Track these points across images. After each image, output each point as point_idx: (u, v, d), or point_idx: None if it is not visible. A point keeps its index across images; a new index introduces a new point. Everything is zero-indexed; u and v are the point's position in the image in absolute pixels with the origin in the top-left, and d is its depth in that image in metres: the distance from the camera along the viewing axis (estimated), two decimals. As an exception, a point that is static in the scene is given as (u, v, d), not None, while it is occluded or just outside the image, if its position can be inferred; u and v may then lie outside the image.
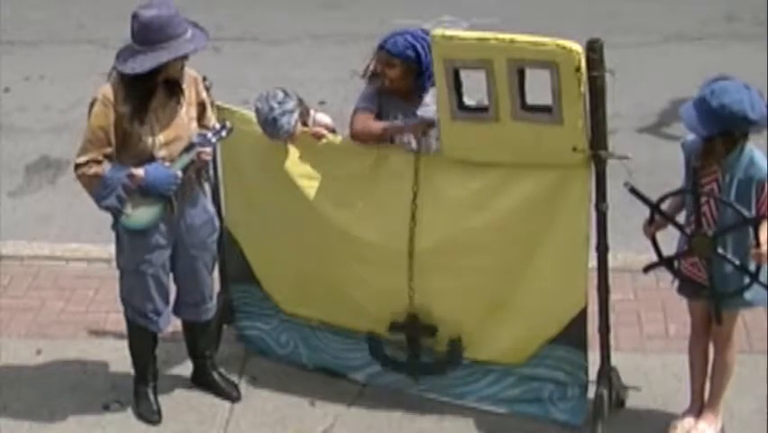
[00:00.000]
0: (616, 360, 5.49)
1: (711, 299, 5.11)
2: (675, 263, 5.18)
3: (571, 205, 5.20)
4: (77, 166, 5.30)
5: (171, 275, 5.63)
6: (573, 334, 5.36)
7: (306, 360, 6.04)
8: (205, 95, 5.55)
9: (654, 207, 5.10)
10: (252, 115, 5.60)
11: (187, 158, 5.38)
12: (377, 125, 5.52)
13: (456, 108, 5.21)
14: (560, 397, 5.53)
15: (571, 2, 11.34)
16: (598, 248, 5.27)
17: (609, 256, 5.31)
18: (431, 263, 5.48)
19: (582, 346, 5.39)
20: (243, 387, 5.92)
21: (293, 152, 5.65)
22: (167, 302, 5.67)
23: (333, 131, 5.74)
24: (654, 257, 5.19)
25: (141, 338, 5.73)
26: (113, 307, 6.13)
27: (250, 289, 6.10)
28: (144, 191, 5.32)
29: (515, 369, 5.58)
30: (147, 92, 5.25)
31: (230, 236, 6.04)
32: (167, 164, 5.33)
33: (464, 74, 5.18)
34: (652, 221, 5.16)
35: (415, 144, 5.53)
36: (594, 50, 4.92)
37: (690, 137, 5.07)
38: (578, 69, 4.90)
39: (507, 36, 5.00)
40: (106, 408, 5.83)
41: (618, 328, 5.93)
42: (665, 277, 5.49)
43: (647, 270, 5.26)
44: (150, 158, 5.31)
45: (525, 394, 5.60)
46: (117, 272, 5.62)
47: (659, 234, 5.18)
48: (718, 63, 8.36)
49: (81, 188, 5.39)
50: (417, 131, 5.48)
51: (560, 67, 4.91)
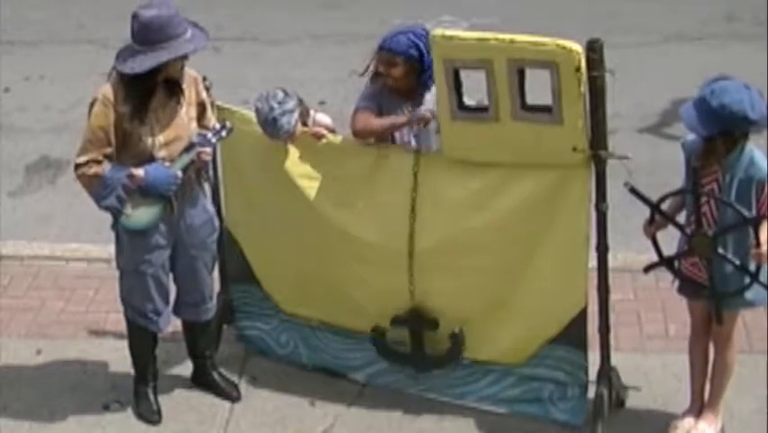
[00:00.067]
0: (616, 360, 5.49)
1: (712, 299, 5.11)
2: (675, 263, 5.18)
3: (571, 205, 5.20)
4: (76, 166, 5.30)
5: (171, 275, 5.63)
6: (573, 334, 5.36)
7: (306, 360, 6.04)
8: (205, 95, 5.55)
9: (655, 207, 5.10)
10: (252, 115, 5.60)
11: (187, 158, 5.38)
12: (378, 122, 5.52)
13: (456, 108, 5.21)
14: (560, 397, 5.53)
15: (571, 2, 11.33)
16: (598, 248, 5.27)
17: (609, 256, 5.31)
18: (431, 263, 5.47)
19: (582, 346, 5.39)
20: (243, 387, 5.92)
21: (293, 152, 5.65)
22: (167, 302, 5.66)
23: (333, 131, 5.74)
24: (655, 257, 5.19)
25: (141, 338, 5.73)
26: (113, 307, 6.12)
27: (250, 289, 6.10)
28: (144, 191, 5.31)
29: (515, 369, 5.58)
30: (147, 92, 5.25)
31: (230, 236, 6.03)
32: (167, 164, 5.33)
33: (464, 74, 5.18)
34: (652, 221, 5.16)
35: (415, 144, 5.54)
36: (594, 50, 4.92)
37: (691, 137, 5.07)
38: (578, 69, 4.90)
39: (507, 36, 5.00)
40: (106, 408, 5.83)
41: (618, 328, 5.93)
42: (665, 277, 5.49)
43: (648, 270, 5.26)
44: (150, 158, 5.31)
45: (525, 394, 5.60)
46: (117, 272, 5.63)
47: (659, 234, 5.18)
48: (718, 63, 8.35)
49: (81, 188, 5.39)
50: (420, 124, 5.48)
51: (560, 67, 4.91)
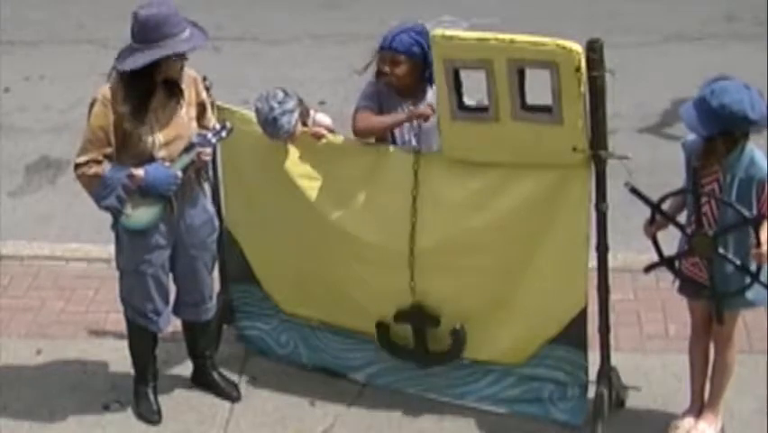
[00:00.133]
0: (616, 360, 5.49)
1: (712, 299, 5.11)
2: (676, 263, 5.18)
3: (571, 205, 5.20)
4: (76, 166, 5.30)
5: (171, 275, 5.63)
6: (573, 334, 5.36)
7: (306, 360, 6.04)
8: (205, 95, 5.55)
9: (655, 207, 5.10)
10: (252, 115, 5.60)
11: (186, 158, 5.38)
12: (379, 120, 5.53)
13: (456, 108, 5.21)
14: (560, 397, 5.53)
15: (571, 2, 11.32)
16: (598, 248, 5.27)
17: (609, 256, 5.31)
18: (431, 263, 5.47)
19: (582, 346, 5.39)
20: (243, 387, 5.92)
21: (293, 152, 5.65)
22: (167, 302, 5.66)
23: (333, 131, 5.73)
24: (655, 257, 5.19)
25: (141, 338, 5.73)
26: (113, 307, 6.12)
27: (250, 289, 6.09)
28: (144, 191, 5.31)
29: (515, 369, 5.58)
30: (146, 92, 5.25)
31: (230, 236, 6.03)
32: (167, 164, 5.33)
33: (464, 74, 5.18)
34: (652, 221, 5.15)
35: (415, 143, 5.54)
36: (594, 50, 4.92)
37: (691, 137, 5.07)
38: (578, 69, 4.90)
39: (507, 36, 5.00)
40: (106, 408, 5.83)
41: (618, 328, 5.93)
42: (665, 277, 5.49)
43: (648, 270, 5.26)
44: (150, 158, 5.31)
45: (525, 394, 5.60)
46: (117, 272, 5.62)
47: (660, 234, 5.18)
48: (718, 63, 8.34)
49: (81, 188, 5.39)
50: (420, 119, 5.47)
51: (560, 67, 4.91)
